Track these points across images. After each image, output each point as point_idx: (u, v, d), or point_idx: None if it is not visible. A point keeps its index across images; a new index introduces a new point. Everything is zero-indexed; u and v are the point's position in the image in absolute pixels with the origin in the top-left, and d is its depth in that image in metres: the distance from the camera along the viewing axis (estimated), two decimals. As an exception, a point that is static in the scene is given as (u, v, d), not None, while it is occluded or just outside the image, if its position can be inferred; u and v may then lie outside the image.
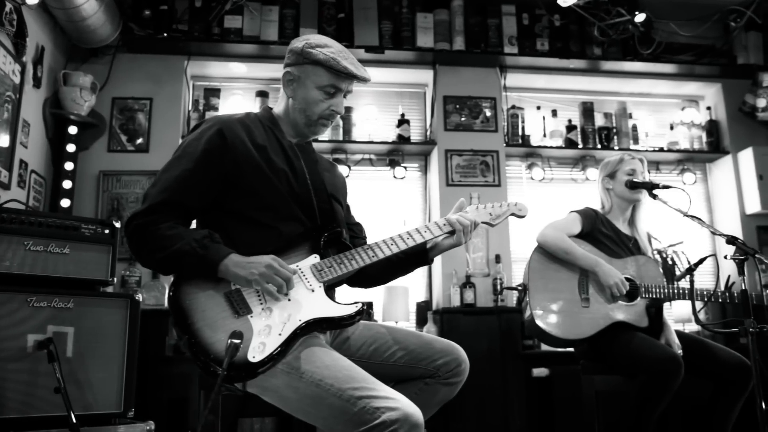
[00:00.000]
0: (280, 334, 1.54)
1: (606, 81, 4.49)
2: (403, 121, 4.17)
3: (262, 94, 4.17)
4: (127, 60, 4.03)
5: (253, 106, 4.15)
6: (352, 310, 1.64)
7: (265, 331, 1.54)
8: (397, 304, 3.84)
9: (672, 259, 4.10)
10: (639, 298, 2.63)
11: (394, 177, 4.15)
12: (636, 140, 4.41)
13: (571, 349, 2.83)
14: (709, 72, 4.51)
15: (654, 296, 2.62)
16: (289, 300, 1.60)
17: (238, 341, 1.48)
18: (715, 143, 4.51)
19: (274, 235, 1.68)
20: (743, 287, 2.20)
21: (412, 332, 1.89)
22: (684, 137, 4.49)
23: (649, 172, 4.41)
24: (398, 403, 1.45)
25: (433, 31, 4.12)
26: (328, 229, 1.75)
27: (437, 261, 4.07)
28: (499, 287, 3.81)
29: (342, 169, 4.08)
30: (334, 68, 1.70)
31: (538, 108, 4.37)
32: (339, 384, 1.48)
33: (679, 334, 2.71)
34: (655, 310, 2.71)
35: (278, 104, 1.86)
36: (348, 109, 4.19)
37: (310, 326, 1.59)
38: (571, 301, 2.62)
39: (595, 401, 2.66)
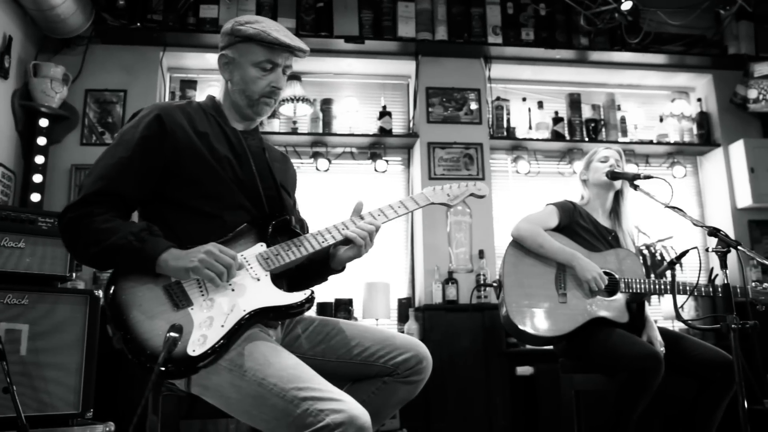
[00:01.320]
0: (222, 326, 1.45)
1: (594, 72, 4.38)
2: (384, 113, 4.07)
3: (241, 86, 4.06)
4: (101, 51, 3.93)
5: (231, 99, 4.04)
6: (300, 297, 1.55)
7: (207, 323, 1.44)
8: (377, 301, 3.74)
9: (661, 254, 4.00)
10: (619, 293, 2.53)
11: (376, 170, 4.04)
12: (624, 132, 4.30)
13: (551, 347, 2.72)
14: (699, 63, 4.40)
15: (634, 291, 2.51)
16: (233, 290, 1.51)
17: (176, 335, 1.38)
18: (706, 135, 4.40)
19: (218, 224, 1.59)
20: (725, 281, 2.10)
21: (372, 328, 1.80)
22: (674, 129, 4.38)
23: (638, 165, 4.34)
24: (344, 405, 1.36)
25: (414, 21, 4.02)
26: (276, 216, 1.67)
27: (419, 256, 3.97)
28: (483, 282, 3.71)
29: (322, 163, 4.00)
30: (265, 41, 1.64)
31: (524, 100, 4.27)
32: (282, 383, 1.39)
33: (662, 330, 2.60)
34: (636, 305, 2.61)
35: (220, 91, 1.79)
36: (328, 101, 4.09)
37: (256, 316, 1.50)
38: (547, 296, 2.52)
39: (574, 401, 2.56)
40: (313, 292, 1.57)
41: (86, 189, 1.54)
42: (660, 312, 4.01)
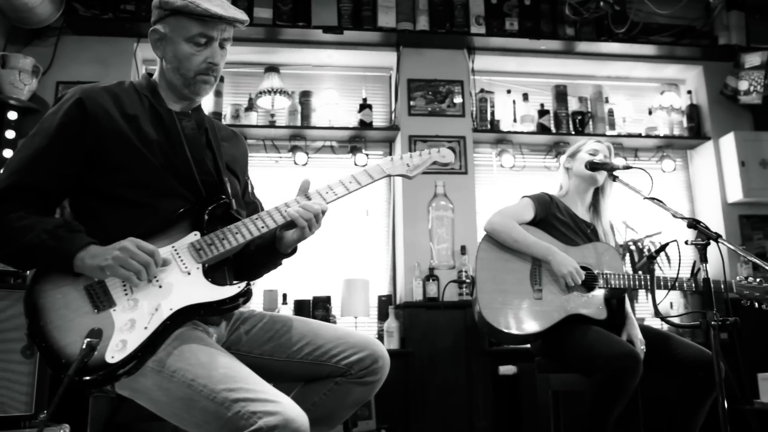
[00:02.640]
0: (145, 328, 1.34)
1: (581, 63, 4.26)
2: (364, 106, 3.95)
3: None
4: (73, 42, 3.82)
5: (207, 91, 3.94)
6: (232, 291, 1.43)
7: (128, 326, 1.33)
8: (356, 299, 3.63)
9: (649, 249, 3.89)
10: (597, 289, 2.42)
11: (356, 164, 3.93)
12: (612, 125, 4.19)
13: (529, 346, 2.62)
14: (689, 54, 4.29)
15: (613, 286, 2.40)
16: (160, 287, 1.40)
17: (95, 341, 1.28)
18: (696, 128, 4.29)
19: (149, 213, 1.48)
20: (706, 275, 1.99)
21: (326, 325, 1.70)
22: (663, 123, 4.27)
23: (626, 159, 4.22)
24: (279, 406, 1.26)
25: (395, 11, 3.91)
26: (214, 202, 1.55)
27: (399, 252, 3.86)
28: (458, 278, 3.60)
29: (300, 157, 3.90)
30: (195, 13, 1.51)
31: (509, 92, 4.15)
32: (213, 384, 1.29)
33: (644, 328, 2.49)
34: (617, 301, 2.50)
35: (156, 70, 1.67)
36: (307, 94, 3.98)
37: (183, 315, 1.39)
38: (522, 293, 2.40)
39: (552, 402, 2.46)
40: (249, 284, 1.46)
41: None
42: (648, 309, 3.90)
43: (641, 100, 4.41)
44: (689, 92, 4.37)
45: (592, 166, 2.53)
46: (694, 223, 2.04)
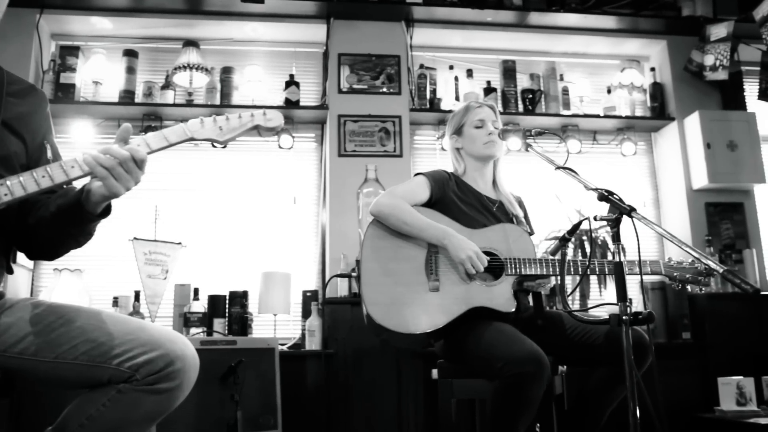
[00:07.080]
0: None
1: (534, 38, 3.90)
2: (291, 83, 3.60)
3: (130, 53, 3.61)
4: (-33, 13, 3.48)
5: (119, 68, 3.60)
6: None
7: None
8: (274, 294, 3.26)
9: (603, 239, 3.52)
10: (504, 276, 2.05)
11: (280, 147, 3.58)
12: (567, 105, 3.83)
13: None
14: (652, 27, 3.92)
15: (523, 273, 2.04)
16: None
17: None
18: (659, 108, 3.92)
19: None
20: (619, 258, 1.64)
21: (118, 318, 1.36)
22: (624, 102, 3.91)
23: (581, 142, 3.85)
24: None
25: (322, -23, 3.56)
26: None
27: (328, 243, 3.50)
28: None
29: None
30: None
31: (451, 68, 3.79)
32: None
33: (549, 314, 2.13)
34: (533, 292, 2.14)
35: None
36: (228, 70, 3.63)
37: None
38: (415, 285, 2.03)
39: (455, 411, 2.10)
40: None
41: None
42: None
43: (600, 78, 4.05)
44: (652, 69, 4.00)
45: (506, 135, 2.18)
46: (605, 196, 1.69)
